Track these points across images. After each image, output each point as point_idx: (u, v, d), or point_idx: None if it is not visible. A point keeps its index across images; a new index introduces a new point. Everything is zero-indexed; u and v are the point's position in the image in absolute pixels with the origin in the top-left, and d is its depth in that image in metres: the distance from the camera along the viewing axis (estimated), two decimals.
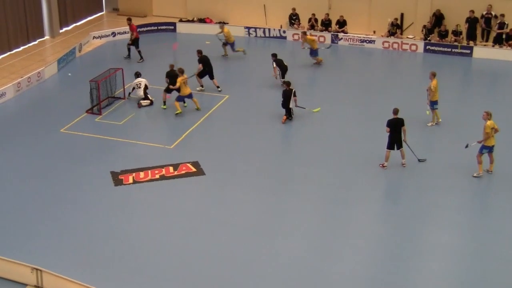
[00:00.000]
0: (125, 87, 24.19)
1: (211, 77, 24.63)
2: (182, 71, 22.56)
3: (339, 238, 15.64)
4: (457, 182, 18.12)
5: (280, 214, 16.74)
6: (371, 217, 16.63)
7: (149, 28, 33.30)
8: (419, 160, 19.10)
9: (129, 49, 28.57)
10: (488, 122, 18.02)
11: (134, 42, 28.54)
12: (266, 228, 16.03)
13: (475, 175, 18.36)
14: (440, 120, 21.94)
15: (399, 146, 18.87)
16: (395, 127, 18.66)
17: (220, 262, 14.66)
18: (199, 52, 24.76)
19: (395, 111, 18.82)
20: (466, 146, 18.68)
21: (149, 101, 23.52)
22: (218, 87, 24.67)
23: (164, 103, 23.10)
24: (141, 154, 19.90)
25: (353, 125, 22.17)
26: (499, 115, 19.70)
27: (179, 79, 22.31)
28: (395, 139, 18.76)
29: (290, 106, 22.04)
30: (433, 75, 21.65)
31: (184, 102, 22.91)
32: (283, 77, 24.81)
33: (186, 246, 15.25)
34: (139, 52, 28.57)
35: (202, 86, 24.64)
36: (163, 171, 18.75)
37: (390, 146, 18.83)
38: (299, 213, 16.74)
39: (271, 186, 18.15)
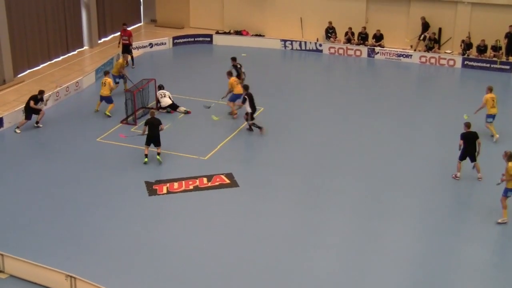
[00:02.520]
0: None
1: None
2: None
3: (371, 252, 15.45)
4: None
5: (314, 227, 16.61)
6: (410, 231, 16.41)
7: (186, 40, 33.59)
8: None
9: (129, 57, 28.80)
10: (510, 164, 16.24)
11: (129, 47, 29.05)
12: (300, 240, 15.92)
13: (499, 221, 16.55)
14: (497, 135, 21.62)
15: (473, 159, 18.87)
16: (469, 140, 18.72)
17: (252, 274, 14.59)
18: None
19: (468, 125, 19.00)
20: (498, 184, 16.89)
21: (183, 108, 23.82)
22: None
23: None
24: (175, 164, 19.99)
25: (392, 138, 22.01)
26: None
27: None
28: (469, 152, 18.80)
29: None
30: (489, 89, 21.79)
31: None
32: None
33: (219, 257, 15.22)
34: (132, 58, 29.17)
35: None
36: (197, 182, 18.80)
37: (462, 158, 18.88)
38: (333, 226, 16.61)
39: (305, 199, 18.06)
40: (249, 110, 21.93)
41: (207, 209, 17.53)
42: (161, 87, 24.32)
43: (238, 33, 34.99)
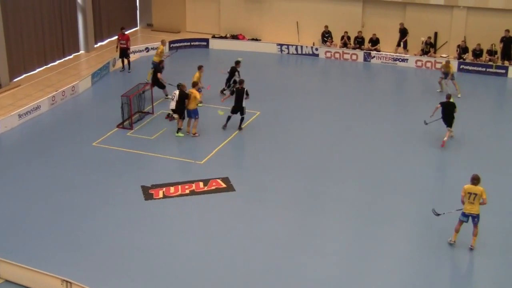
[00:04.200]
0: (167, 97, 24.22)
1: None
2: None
3: (370, 258, 15.45)
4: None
5: (311, 231, 16.60)
6: (404, 237, 16.42)
7: (182, 44, 33.62)
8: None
9: (126, 61, 29.22)
10: (466, 186, 15.28)
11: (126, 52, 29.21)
12: (297, 245, 15.91)
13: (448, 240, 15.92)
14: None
15: (448, 125, 21.17)
16: (446, 109, 21.14)
17: (249, 279, 14.57)
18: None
19: (448, 97, 21.57)
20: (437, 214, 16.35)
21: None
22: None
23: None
24: (171, 169, 19.99)
25: (390, 143, 22.06)
26: None
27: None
28: (445, 119, 21.15)
29: (243, 105, 22.45)
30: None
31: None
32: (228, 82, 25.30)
33: (216, 262, 15.19)
34: (128, 62, 29.33)
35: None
36: (193, 187, 18.80)
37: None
38: (330, 231, 16.61)
39: (302, 203, 18.06)
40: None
41: (203, 213, 17.51)
42: (177, 86, 22.68)
43: (235, 37, 35.03)
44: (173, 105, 22.53)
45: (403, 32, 31.74)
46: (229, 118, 22.75)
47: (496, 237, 16.30)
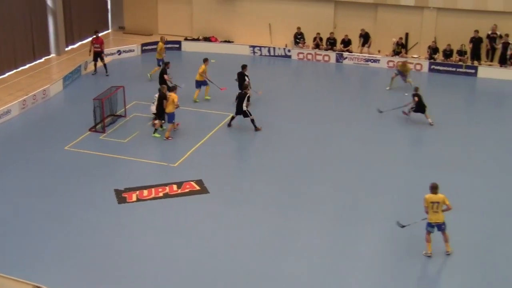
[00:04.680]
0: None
1: None
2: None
3: (346, 259, 15.50)
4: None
5: (286, 232, 16.61)
6: (379, 238, 16.52)
7: (155, 47, 33.37)
8: None
9: (101, 65, 29.14)
10: (427, 196, 15.24)
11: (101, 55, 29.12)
12: (272, 246, 15.92)
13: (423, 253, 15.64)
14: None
15: (423, 112, 23.31)
16: (420, 97, 23.32)
17: (225, 281, 14.56)
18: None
19: (416, 89, 23.64)
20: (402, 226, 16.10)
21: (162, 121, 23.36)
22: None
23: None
24: (145, 172, 19.90)
25: (364, 143, 22.21)
26: (501, 133, 19.62)
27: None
28: (420, 107, 23.27)
29: (244, 109, 22.61)
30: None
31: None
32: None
33: (191, 264, 15.16)
34: (105, 65, 29.21)
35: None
36: (167, 189, 18.73)
37: (417, 111, 23.70)
38: (305, 232, 16.64)
39: (276, 204, 18.07)
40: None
41: (177, 216, 17.46)
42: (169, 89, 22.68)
43: (207, 39, 34.97)
44: (153, 109, 22.55)
45: (365, 37, 31.99)
46: (233, 118, 23.05)
47: (469, 237, 16.50)
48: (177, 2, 35.99)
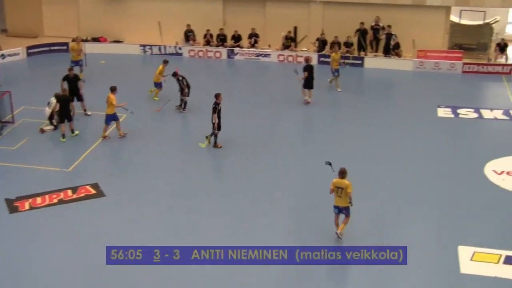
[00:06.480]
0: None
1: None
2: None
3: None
4: None
5: (186, 230, 16.58)
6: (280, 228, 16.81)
7: (40, 49, 32.43)
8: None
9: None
10: (334, 180, 15.57)
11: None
12: (174, 244, 15.81)
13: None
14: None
15: (310, 88, 25.28)
16: (308, 70, 24.91)
17: (121, 285, 14.37)
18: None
19: (307, 59, 25.74)
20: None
21: (53, 126, 22.70)
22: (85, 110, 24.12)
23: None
24: (37, 179, 19.25)
25: (259, 136, 22.46)
26: (389, 119, 20.39)
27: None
28: (309, 82, 25.12)
29: (212, 121, 21.20)
30: None
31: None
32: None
33: (89, 271, 14.82)
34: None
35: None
36: (62, 195, 18.22)
37: (306, 86, 25.42)
38: (204, 228, 16.68)
39: (174, 203, 18.02)
40: (216, 120, 21.10)
41: (74, 222, 16.99)
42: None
43: (96, 40, 34.26)
44: (48, 112, 21.88)
45: (237, 39, 32.54)
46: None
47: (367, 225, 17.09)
48: (62, 3, 34.99)
